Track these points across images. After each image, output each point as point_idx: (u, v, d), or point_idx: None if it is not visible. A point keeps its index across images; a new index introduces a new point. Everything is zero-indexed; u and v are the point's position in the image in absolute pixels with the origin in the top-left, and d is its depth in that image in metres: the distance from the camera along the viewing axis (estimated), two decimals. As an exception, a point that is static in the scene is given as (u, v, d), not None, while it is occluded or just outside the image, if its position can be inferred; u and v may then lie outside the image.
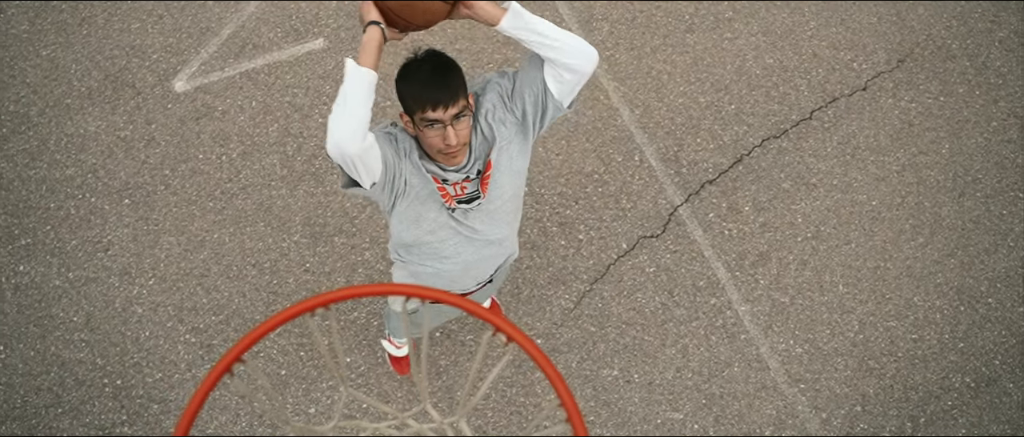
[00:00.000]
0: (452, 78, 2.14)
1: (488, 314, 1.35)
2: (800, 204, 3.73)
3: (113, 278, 3.55)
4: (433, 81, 2.12)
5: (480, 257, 2.52)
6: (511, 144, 2.31)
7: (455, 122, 2.13)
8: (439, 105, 2.09)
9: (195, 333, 3.46)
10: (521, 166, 2.37)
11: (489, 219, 2.41)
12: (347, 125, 2.05)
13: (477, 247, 2.48)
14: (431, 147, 2.20)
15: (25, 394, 3.36)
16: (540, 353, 1.14)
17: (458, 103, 2.12)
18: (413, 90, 2.14)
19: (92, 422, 3.32)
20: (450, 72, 2.15)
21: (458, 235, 2.42)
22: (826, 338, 3.51)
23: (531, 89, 2.24)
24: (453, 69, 2.16)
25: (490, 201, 2.35)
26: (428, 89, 2.11)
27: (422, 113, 2.12)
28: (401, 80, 2.19)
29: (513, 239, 2.62)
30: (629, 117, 3.86)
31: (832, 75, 3.99)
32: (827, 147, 3.84)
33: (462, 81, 2.16)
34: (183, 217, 3.64)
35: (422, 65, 2.16)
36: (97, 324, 3.48)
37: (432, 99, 2.10)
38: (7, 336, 3.45)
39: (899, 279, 3.63)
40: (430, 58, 2.17)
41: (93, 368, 3.41)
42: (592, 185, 3.73)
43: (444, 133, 2.14)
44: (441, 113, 2.10)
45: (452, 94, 2.11)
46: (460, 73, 2.17)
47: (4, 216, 3.64)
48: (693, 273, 3.59)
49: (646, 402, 3.39)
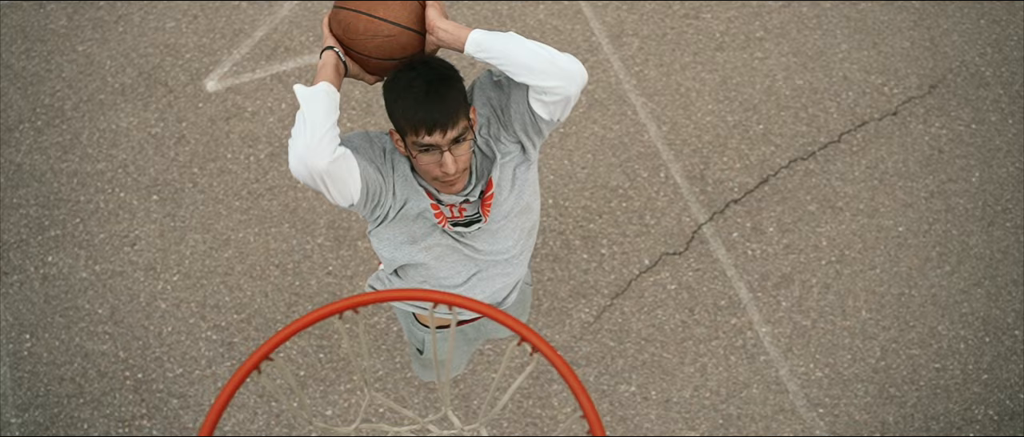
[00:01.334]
0: (451, 95, 1.82)
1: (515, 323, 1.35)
2: (825, 227, 3.70)
3: (138, 273, 3.59)
4: (428, 99, 1.78)
5: (487, 276, 2.22)
6: (511, 159, 2.04)
7: (454, 147, 1.83)
8: (435, 128, 1.78)
9: (217, 331, 3.49)
10: (526, 178, 2.09)
11: (493, 238, 2.13)
12: (308, 136, 1.73)
13: (481, 266, 2.19)
14: (426, 174, 1.92)
15: (49, 383, 3.41)
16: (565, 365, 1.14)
17: (458, 125, 1.81)
18: (404, 108, 1.82)
19: (112, 414, 3.36)
20: (449, 87, 1.83)
21: (458, 253, 2.13)
22: (847, 363, 3.48)
23: (519, 116, 1.95)
24: (453, 83, 1.84)
25: (494, 221, 2.09)
26: (421, 108, 1.78)
27: (415, 136, 1.81)
28: (389, 94, 1.87)
29: (526, 257, 2.32)
30: (656, 133, 3.86)
31: (862, 98, 3.96)
32: (855, 171, 3.81)
33: (463, 97, 1.86)
34: (209, 215, 3.68)
35: (415, 78, 1.82)
36: (121, 317, 3.52)
37: (426, 121, 1.77)
38: (33, 325, 3.50)
39: (924, 307, 3.59)
40: (425, 68, 1.84)
41: (115, 361, 3.45)
42: (617, 200, 3.73)
43: (440, 159, 1.84)
44: (437, 137, 1.79)
45: (450, 115, 1.79)
46: (461, 87, 1.86)
47: (36, 207, 3.70)
48: (715, 292, 3.57)
49: (663, 420, 3.37)
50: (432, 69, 1.84)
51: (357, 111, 3.91)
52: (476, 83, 2.04)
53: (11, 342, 3.47)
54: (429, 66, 1.85)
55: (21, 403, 3.37)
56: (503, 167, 2.01)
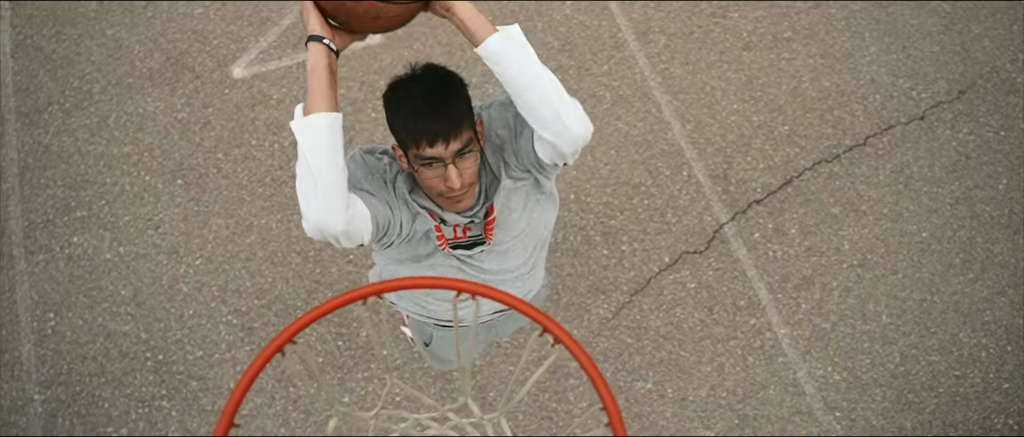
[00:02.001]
0: (455, 104, 1.69)
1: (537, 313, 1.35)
2: (848, 230, 3.68)
3: (162, 256, 3.63)
4: (430, 109, 1.65)
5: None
6: (523, 186, 1.89)
7: (458, 159, 1.69)
8: (438, 140, 1.65)
9: (237, 315, 3.52)
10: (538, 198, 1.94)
11: (501, 258, 2.02)
12: (321, 200, 1.61)
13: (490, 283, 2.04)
14: (430, 189, 1.79)
15: (71, 361, 3.45)
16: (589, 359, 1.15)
17: (462, 136, 1.68)
18: (404, 120, 1.69)
19: (133, 394, 3.40)
20: (453, 96, 1.69)
21: (463, 273, 2.02)
22: (866, 368, 3.46)
23: (526, 151, 1.81)
24: (457, 92, 1.71)
25: (501, 243, 1.97)
26: (422, 119, 1.65)
27: (417, 149, 1.68)
28: (390, 105, 1.73)
29: (539, 270, 2.20)
30: (680, 131, 3.84)
31: (889, 102, 3.93)
32: (880, 175, 3.78)
33: (468, 107, 1.72)
34: (233, 201, 3.71)
35: (415, 87, 1.69)
36: (144, 299, 3.56)
37: (428, 133, 1.65)
38: (58, 304, 3.55)
39: (945, 314, 3.56)
40: (426, 77, 1.71)
41: (137, 341, 3.48)
42: (639, 197, 3.72)
43: (444, 173, 1.71)
44: (440, 150, 1.67)
45: (453, 126, 1.66)
46: (465, 96, 1.73)
47: (62, 188, 3.75)
48: (734, 292, 3.56)
49: (678, 418, 3.36)
50: (434, 76, 1.71)
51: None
52: (496, 101, 1.88)
53: (36, 320, 3.52)
54: (431, 72, 1.71)
55: (44, 380, 3.42)
56: (511, 193, 1.87)
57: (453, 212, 1.86)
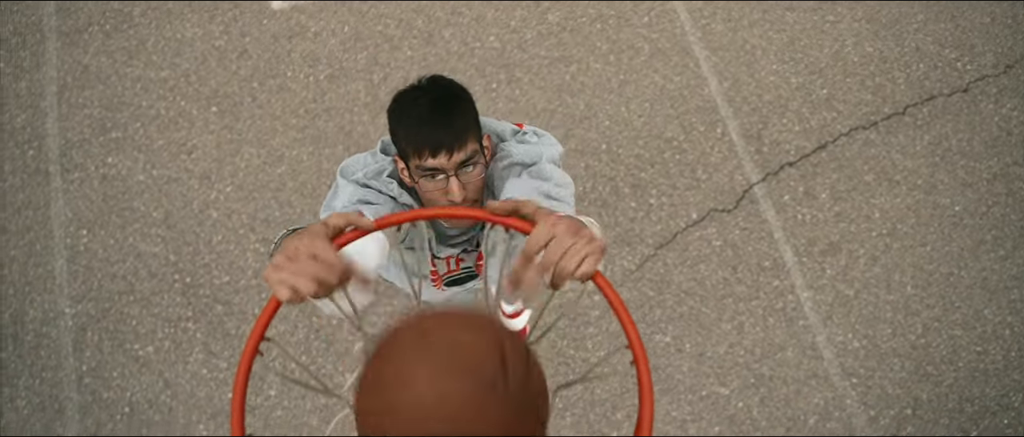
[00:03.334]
0: (458, 114, 1.63)
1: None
2: (879, 199, 3.64)
3: (193, 180, 3.67)
4: (434, 119, 1.61)
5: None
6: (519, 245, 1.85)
7: (461, 172, 1.64)
8: (441, 150, 1.60)
9: (264, 244, 3.57)
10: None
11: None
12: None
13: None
14: (431, 203, 1.73)
15: (101, 279, 3.52)
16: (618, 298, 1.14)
17: (466, 148, 1.62)
18: (407, 129, 1.64)
19: (160, 314, 3.47)
20: (457, 107, 1.64)
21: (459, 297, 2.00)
22: (886, 337, 3.45)
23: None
24: (461, 103, 1.65)
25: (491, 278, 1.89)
26: (426, 128, 1.60)
27: (419, 160, 1.63)
28: (394, 115, 1.68)
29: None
30: (717, 88, 3.80)
31: (933, 72, 3.85)
32: (917, 145, 3.73)
33: (473, 118, 1.67)
34: (266, 130, 3.74)
35: (420, 96, 1.64)
36: (174, 222, 3.61)
37: (432, 143, 1.60)
38: (91, 222, 3.61)
39: (971, 289, 3.53)
40: (432, 88, 1.66)
41: (166, 263, 3.55)
42: (670, 151, 3.70)
43: (446, 186, 1.66)
44: (443, 160, 1.61)
45: (457, 136, 1.61)
46: (470, 108, 1.67)
47: (99, 108, 3.79)
48: (760, 252, 3.55)
49: (694, 373, 3.38)
50: (440, 87, 1.66)
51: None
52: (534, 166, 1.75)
53: (69, 236, 3.59)
54: (437, 84, 1.67)
55: (75, 295, 3.50)
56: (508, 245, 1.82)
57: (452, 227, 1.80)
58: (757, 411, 3.34)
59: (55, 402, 3.35)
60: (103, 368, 3.39)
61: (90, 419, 3.32)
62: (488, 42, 3.88)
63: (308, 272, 1.06)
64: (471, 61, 3.84)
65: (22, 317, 3.46)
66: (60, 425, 3.32)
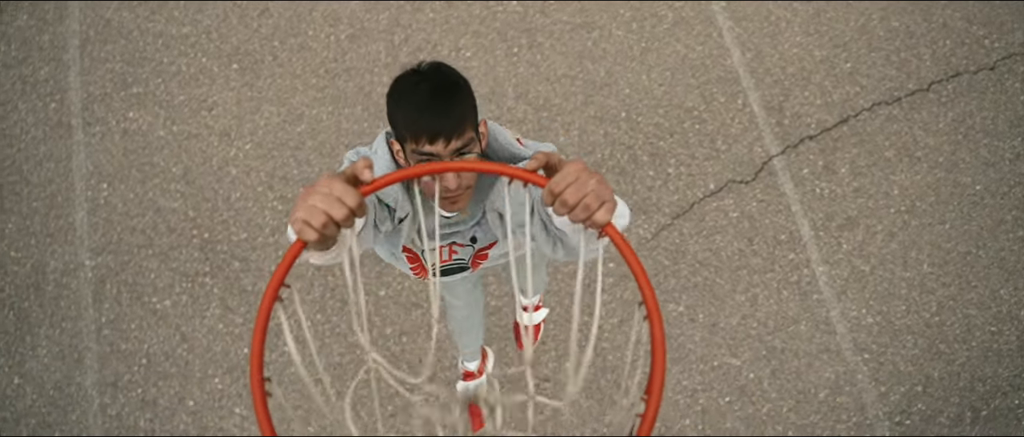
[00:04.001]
0: (457, 102, 1.63)
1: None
2: (899, 175, 3.61)
3: (213, 137, 3.69)
4: (432, 106, 1.61)
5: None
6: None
7: (457, 158, 1.65)
8: (438, 137, 1.60)
9: (282, 201, 3.59)
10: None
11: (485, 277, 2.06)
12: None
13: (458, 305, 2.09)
14: (425, 188, 1.76)
15: (121, 232, 3.56)
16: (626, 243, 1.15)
17: (463, 135, 1.63)
18: (405, 114, 1.64)
19: (178, 268, 3.51)
20: (455, 95, 1.64)
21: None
22: (900, 314, 3.44)
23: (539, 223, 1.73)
24: (459, 91, 1.65)
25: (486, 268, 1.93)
26: (425, 116, 1.60)
27: (416, 145, 1.64)
28: (393, 99, 1.68)
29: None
30: (739, 59, 3.77)
31: (959, 49, 3.80)
32: (940, 122, 3.69)
33: (471, 106, 1.68)
34: (286, 89, 3.74)
35: (420, 84, 1.64)
36: (193, 178, 3.64)
37: (429, 129, 1.60)
38: (111, 176, 3.64)
39: (988, 269, 3.51)
40: (432, 75, 1.66)
41: (184, 218, 3.58)
42: (690, 121, 3.68)
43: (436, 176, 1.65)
44: (440, 147, 1.62)
45: (455, 124, 1.62)
46: (468, 96, 1.68)
47: (121, 63, 3.80)
48: (776, 225, 3.54)
49: (707, 343, 3.39)
50: (440, 74, 1.66)
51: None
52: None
53: (90, 189, 3.62)
54: (437, 70, 1.67)
55: (95, 247, 3.54)
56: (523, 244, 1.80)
57: (447, 211, 1.81)
58: (768, 383, 3.35)
59: (74, 351, 3.41)
60: (121, 320, 3.44)
61: (108, 369, 3.38)
62: (510, 5, 3.86)
63: (320, 205, 1.15)
64: (493, 24, 3.82)
65: (44, 268, 3.51)
66: (79, 374, 3.37)
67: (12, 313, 3.46)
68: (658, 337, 1.11)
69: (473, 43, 3.80)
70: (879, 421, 3.30)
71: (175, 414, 3.32)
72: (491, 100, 3.70)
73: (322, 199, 1.16)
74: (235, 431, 3.29)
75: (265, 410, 1.06)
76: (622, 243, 1.16)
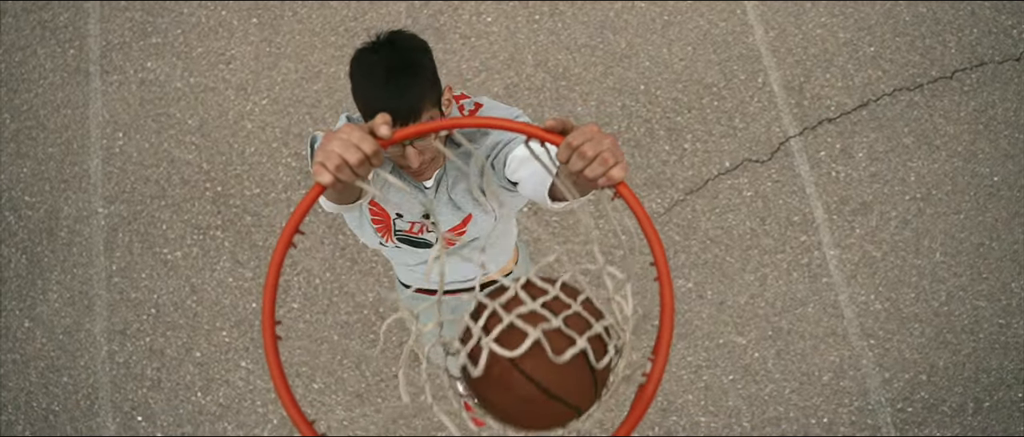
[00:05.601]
0: (415, 84, 1.58)
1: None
2: (917, 163, 3.59)
3: (230, 91, 3.69)
4: (388, 88, 1.56)
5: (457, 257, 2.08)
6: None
7: (416, 139, 1.61)
8: (396, 122, 1.56)
9: (296, 158, 3.59)
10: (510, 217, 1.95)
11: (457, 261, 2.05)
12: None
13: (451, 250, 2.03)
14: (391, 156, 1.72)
15: (135, 182, 3.58)
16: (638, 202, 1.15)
17: (420, 116, 1.59)
18: (363, 95, 1.61)
19: (190, 220, 3.52)
20: (413, 75, 1.58)
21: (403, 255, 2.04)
22: (909, 301, 3.43)
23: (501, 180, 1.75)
24: (418, 70, 1.59)
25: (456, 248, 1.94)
26: (380, 99, 1.56)
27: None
28: (353, 76, 1.65)
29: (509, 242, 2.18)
30: (762, 37, 3.73)
31: (986, 38, 3.75)
32: (961, 111, 3.65)
33: (432, 83, 1.62)
34: (304, 46, 3.73)
35: (377, 63, 1.58)
36: (208, 131, 3.64)
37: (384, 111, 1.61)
38: (127, 125, 3.65)
39: (1001, 261, 3.49)
40: (388, 51, 1.59)
41: (198, 171, 3.59)
42: (709, 97, 3.65)
43: (401, 151, 1.64)
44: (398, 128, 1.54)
45: (412, 107, 1.57)
46: (428, 72, 1.62)
47: (140, 12, 3.79)
48: (789, 207, 3.52)
49: (713, 320, 3.40)
50: (397, 52, 1.60)
51: None
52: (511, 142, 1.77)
53: (105, 138, 3.63)
54: (395, 47, 1.60)
55: (108, 195, 3.55)
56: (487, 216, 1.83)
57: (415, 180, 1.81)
58: (772, 363, 3.36)
59: (85, 298, 3.43)
60: (132, 269, 3.46)
61: (117, 317, 3.40)
62: (533, -27, 3.83)
63: (337, 150, 1.16)
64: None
65: (57, 213, 3.53)
66: (88, 320, 3.40)
67: (24, 257, 3.49)
68: (667, 298, 1.12)
69: (494, 8, 3.77)
70: (881, 407, 3.31)
71: (182, 364, 3.35)
72: (510, 66, 3.68)
73: (340, 144, 1.16)
74: (241, 384, 3.32)
75: (276, 355, 1.06)
76: (635, 202, 1.16)
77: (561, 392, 1.09)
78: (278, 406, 3.29)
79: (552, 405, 1.09)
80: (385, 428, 3.27)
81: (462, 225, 1.89)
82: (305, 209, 1.14)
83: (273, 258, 1.09)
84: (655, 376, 1.09)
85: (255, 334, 3.37)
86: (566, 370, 1.08)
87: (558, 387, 1.09)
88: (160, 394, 3.31)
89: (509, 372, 1.08)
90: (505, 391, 1.09)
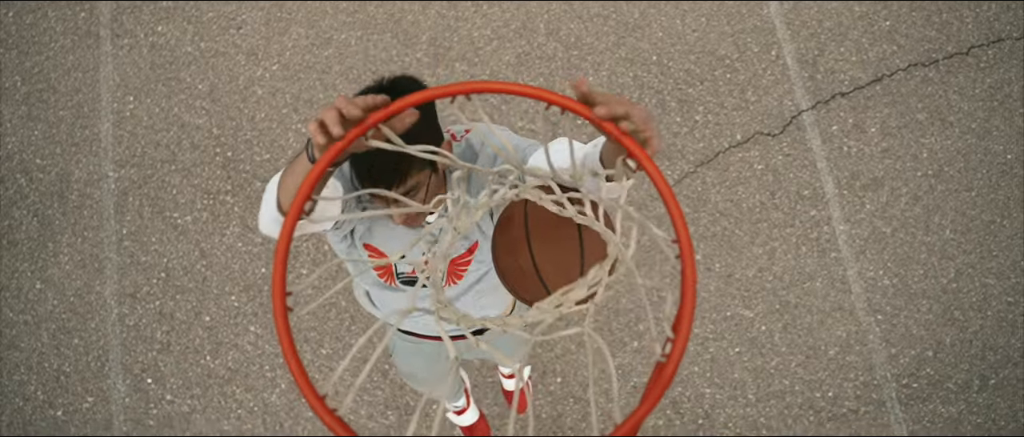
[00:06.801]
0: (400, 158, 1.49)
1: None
2: (930, 139, 3.56)
3: (240, 56, 3.68)
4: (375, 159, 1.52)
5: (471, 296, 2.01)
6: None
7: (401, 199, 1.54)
8: (380, 185, 1.56)
9: (306, 124, 3.59)
10: None
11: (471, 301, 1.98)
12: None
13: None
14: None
15: (145, 146, 3.58)
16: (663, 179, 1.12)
17: (406, 182, 1.58)
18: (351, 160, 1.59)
19: (200, 185, 3.53)
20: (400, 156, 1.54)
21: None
22: (918, 278, 3.43)
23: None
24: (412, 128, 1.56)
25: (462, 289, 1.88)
26: (363, 163, 1.55)
27: (361, 182, 1.62)
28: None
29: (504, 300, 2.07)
30: (776, 10, 3.69)
31: (1004, 13, 3.70)
32: (976, 88, 3.62)
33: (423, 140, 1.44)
34: (315, 12, 3.71)
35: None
36: (219, 96, 3.64)
37: (371, 177, 1.57)
38: (137, 89, 3.65)
39: (1011, 239, 3.48)
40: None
41: (208, 136, 3.59)
42: (721, 69, 3.62)
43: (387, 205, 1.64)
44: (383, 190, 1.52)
45: (399, 174, 1.56)
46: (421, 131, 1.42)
47: (151, -26, 3.78)
48: (800, 180, 3.51)
49: (721, 293, 3.40)
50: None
51: None
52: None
53: (116, 101, 3.63)
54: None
55: (119, 159, 3.56)
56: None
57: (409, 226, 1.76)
58: (779, 336, 3.37)
59: (95, 261, 3.46)
60: (142, 232, 3.48)
61: (127, 280, 3.43)
62: (546, -59, 3.79)
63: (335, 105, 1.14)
64: None
65: (68, 177, 3.55)
66: (99, 283, 3.43)
67: (36, 220, 3.51)
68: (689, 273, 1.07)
69: (506, -24, 3.74)
70: (886, 382, 3.32)
71: (191, 328, 3.38)
72: (521, 35, 3.66)
73: (338, 101, 1.15)
74: (249, 348, 3.35)
75: (285, 323, 1.05)
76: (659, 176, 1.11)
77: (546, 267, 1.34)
78: (286, 371, 3.32)
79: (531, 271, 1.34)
80: (392, 395, 3.30)
81: (468, 254, 1.84)
82: (314, 179, 1.13)
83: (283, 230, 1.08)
84: (675, 355, 1.02)
85: (264, 299, 3.39)
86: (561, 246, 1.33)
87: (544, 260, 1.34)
88: (169, 357, 3.34)
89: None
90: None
